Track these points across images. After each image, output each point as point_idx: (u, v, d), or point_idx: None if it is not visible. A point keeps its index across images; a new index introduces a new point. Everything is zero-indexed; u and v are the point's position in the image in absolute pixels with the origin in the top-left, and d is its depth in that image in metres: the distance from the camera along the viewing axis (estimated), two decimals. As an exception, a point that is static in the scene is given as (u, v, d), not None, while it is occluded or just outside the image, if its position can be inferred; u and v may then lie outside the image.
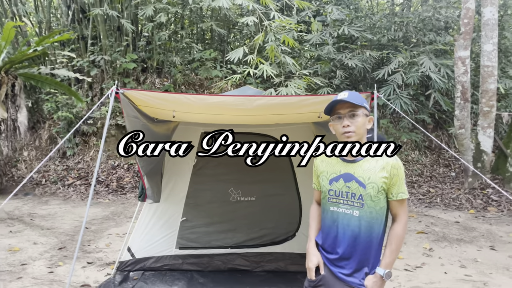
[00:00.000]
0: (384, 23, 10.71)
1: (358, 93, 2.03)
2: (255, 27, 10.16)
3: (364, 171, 1.98)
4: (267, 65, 5.23)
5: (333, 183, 2.05)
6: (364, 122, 2.00)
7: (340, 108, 2.00)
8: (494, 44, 7.45)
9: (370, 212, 1.98)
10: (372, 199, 1.96)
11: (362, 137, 2.01)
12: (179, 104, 2.90)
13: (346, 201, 2.01)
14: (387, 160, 1.97)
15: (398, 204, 1.99)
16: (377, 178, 1.95)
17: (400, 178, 1.96)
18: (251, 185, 4.39)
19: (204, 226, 4.35)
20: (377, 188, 1.95)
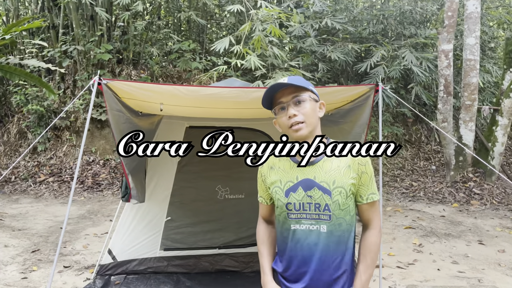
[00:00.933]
0: (365, 16, 10.63)
1: (299, 76, 1.64)
2: (235, 18, 9.91)
3: (327, 173, 1.58)
4: (254, 56, 5.01)
5: (290, 195, 1.62)
6: (314, 108, 1.59)
7: (281, 96, 1.59)
8: (477, 37, 7.46)
9: (340, 224, 1.58)
10: (340, 208, 1.57)
11: (315, 128, 1.60)
12: (168, 96, 2.66)
13: (310, 215, 1.59)
14: (351, 156, 1.61)
15: (369, 208, 1.63)
16: (344, 180, 1.57)
17: (369, 175, 1.61)
18: (239, 182, 4.17)
19: (190, 226, 4.11)
20: (345, 193, 1.57)
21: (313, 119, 1.57)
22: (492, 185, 7.56)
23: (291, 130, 1.56)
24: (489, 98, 10.36)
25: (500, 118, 7.56)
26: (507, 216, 6.36)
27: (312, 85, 1.66)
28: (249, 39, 5.79)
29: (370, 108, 2.73)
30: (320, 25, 9.18)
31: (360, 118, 2.87)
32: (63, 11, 9.18)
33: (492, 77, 10.25)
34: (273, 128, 4.15)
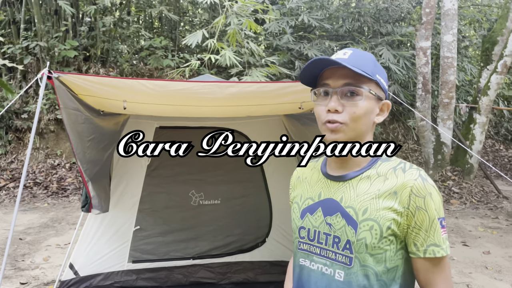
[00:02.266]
0: (341, 13, 10.49)
1: (370, 56, 1.14)
2: (209, 14, 9.58)
3: (359, 196, 1.10)
4: (229, 51, 4.71)
5: (306, 217, 1.19)
6: (370, 110, 1.10)
7: (329, 76, 1.10)
8: (454, 35, 7.39)
9: (366, 276, 1.08)
10: (368, 251, 1.07)
11: (362, 136, 1.12)
12: (133, 92, 2.33)
13: (326, 252, 1.13)
14: (403, 180, 1.07)
15: (429, 267, 1.07)
16: (380, 212, 1.07)
17: (430, 215, 1.04)
18: (215, 186, 3.86)
19: (161, 235, 3.77)
20: (379, 231, 1.06)
21: (361, 124, 1.09)
22: (471, 183, 7.51)
23: (325, 127, 1.10)
24: (464, 97, 10.39)
25: (478, 116, 7.51)
26: (488, 215, 6.28)
27: (383, 72, 1.15)
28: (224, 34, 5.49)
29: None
30: (296, 22, 8.97)
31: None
32: (25, 6, 8.62)
33: (467, 75, 10.29)
34: (251, 128, 3.86)
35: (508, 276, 4.01)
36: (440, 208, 1.06)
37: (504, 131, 12.62)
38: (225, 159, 3.86)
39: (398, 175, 1.09)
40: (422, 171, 1.10)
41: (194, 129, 3.85)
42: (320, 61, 1.09)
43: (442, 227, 1.06)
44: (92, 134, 2.69)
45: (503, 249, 4.82)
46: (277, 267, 3.84)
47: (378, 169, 1.13)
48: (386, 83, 1.16)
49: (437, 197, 1.07)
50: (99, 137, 2.82)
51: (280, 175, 3.89)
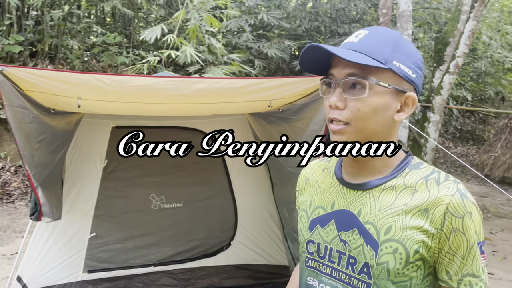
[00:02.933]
0: (299, 12, 10.52)
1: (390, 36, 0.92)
2: (165, 10, 9.29)
3: (381, 211, 0.92)
4: (190, 47, 4.52)
5: (316, 230, 1.02)
6: (384, 106, 0.90)
7: (336, 64, 0.93)
8: (409, 35, 7.56)
9: None
10: (391, 278, 0.89)
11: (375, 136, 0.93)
12: (88, 88, 2.12)
13: (338, 273, 0.97)
14: (436, 194, 0.88)
15: None
16: (407, 232, 0.89)
17: (469, 241, 0.87)
18: (177, 188, 3.69)
19: (120, 242, 3.55)
20: (405, 255, 0.88)
21: (370, 124, 0.91)
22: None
23: (328, 126, 0.95)
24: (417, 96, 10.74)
25: (432, 114, 7.75)
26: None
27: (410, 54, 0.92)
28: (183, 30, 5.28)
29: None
30: (255, 21, 8.88)
31: (317, 114, 2.54)
32: (-37, -4, 7.96)
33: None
34: (214, 128, 3.70)
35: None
36: (480, 230, 0.89)
37: (452, 129, 13.21)
38: (188, 160, 3.69)
39: (430, 187, 0.90)
40: (460, 184, 0.90)
41: (153, 129, 3.65)
42: (313, 48, 0.90)
43: (481, 253, 0.89)
44: (41, 134, 2.45)
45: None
46: (243, 271, 3.72)
47: (405, 179, 0.93)
48: (417, 68, 0.93)
49: (478, 217, 0.88)
50: (49, 138, 2.58)
51: (245, 176, 3.77)
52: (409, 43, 0.94)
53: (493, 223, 6.00)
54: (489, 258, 4.53)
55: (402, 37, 0.94)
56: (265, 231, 3.76)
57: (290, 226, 3.32)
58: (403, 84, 0.91)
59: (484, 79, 13.50)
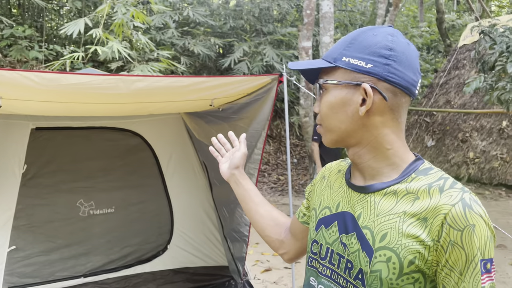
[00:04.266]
0: (223, 10, 10.49)
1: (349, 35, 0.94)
2: (82, 2, 8.71)
3: (380, 216, 0.88)
4: (116, 42, 4.26)
5: (321, 230, 1.00)
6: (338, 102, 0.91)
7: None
8: (331, 36, 7.90)
9: None
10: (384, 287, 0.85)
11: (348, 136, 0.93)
12: (12, 87, 1.89)
13: (336, 276, 0.95)
14: (437, 202, 0.83)
15: None
16: (403, 240, 0.84)
17: (468, 256, 0.79)
18: (107, 193, 3.46)
19: (44, 254, 3.25)
20: (398, 265, 0.83)
21: (332, 122, 0.92)
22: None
23: None
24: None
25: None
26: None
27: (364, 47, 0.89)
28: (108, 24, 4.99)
29: (273, 101, 2.40)
30: (180, 17, 8.69)
31: (259, 113, 2.53)
32: None
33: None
34: (146, 128, 3.54)
35: None
36: (486, 246, 0.80)
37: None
38: (115, 162, 3.50)
39: (432, 195, 0.84)
40: (467, 194, 0.82)
41: (78, 130, 3.40)
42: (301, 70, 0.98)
43: (485, 272, 0.79)
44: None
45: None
46: (181, 275, 3.61)
47: (409, 184, 0.88)
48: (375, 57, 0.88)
49: (483, 231, 0.80)
50: (-39, 143, 2.27)
51: (180, 177, 3.66)
52: (373, 36, 0.90)
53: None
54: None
55: (365, 32, 0.92)
56: (202, 232, 3.68)
57: (230, 226, 3.29)
58: (358, 77, 0.89)
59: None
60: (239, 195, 1.28)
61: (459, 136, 9.08)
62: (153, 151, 3.61)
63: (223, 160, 1.34)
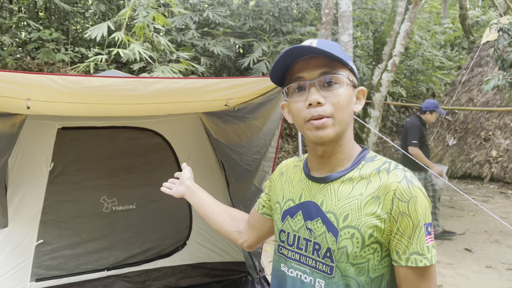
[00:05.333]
0: (243, 10, 10.59)
1: (336, 43, 1.07)
2: (106, 6, 8.95)
3: (341, 200, 1.02)
4: (138, 45, 4.42)
5: (286, 220, 1.12)
6: (351, 98, 1.04)
7: (302, 69, 1.02)
8: (350, 35, 7.89)
9: (347, 286, 1.00)
10: (350, 261, 0.99)
11: (346, 129, 1.05)
12: (39, 90, 2.03)
13: (305, 258, 1.06)
14: (386, 182, 0.99)
15: (411, 276, 0.98)
16: (362, 218, 0.99)
17: (414, 221, 0.96)
18: (129, 190, 3.60)
19: (70, 248, 3.41)
20: (360, 239, 0.98)
21: (345, 115, 1.01)
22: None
23: (309, 125, 1.01)
24: (357, 93, 11.24)
25: (372, 110, 8.16)
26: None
27: (351, 58, 1.07)
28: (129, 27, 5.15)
29: (286, 101, 2.48)
30: (200, 18, 8.83)
31: (273, 112, 2.61)
32: None
33: (360, 73, 11.13)
34: (166, 127, 3.67)
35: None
36: (426, 213, 0.97)
37: (390, 124, 13.95)
38: (136, 161, 3.63)
39: (382, 177, 1.00)
40: (408, 172, 1.01)
41: (102, 129, 3.55)
42: (290, 52, 1.00)
43: (428, 234, 0.97)
44: (-15, 138, 2.31)
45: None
46: (199, 270, 3.73)
47: (361, 171, 1.04)
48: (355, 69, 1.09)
49: (423, 201, 0.97)
50: (-7, 142, 2.44)
51: (198, 176, 3.73)
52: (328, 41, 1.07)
53: (429, 211, 6.45)
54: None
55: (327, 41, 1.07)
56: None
57: (246, 223, 3.37)
58: (356, 81, 1.07)
59: (416, 76, 14.39)
60: (195, 203, 1.45)
61: (481, 134, 8.92)
62: (172, 150, 3.74)
63: (173, 188, 1.54)
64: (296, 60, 1.03)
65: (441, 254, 4.52)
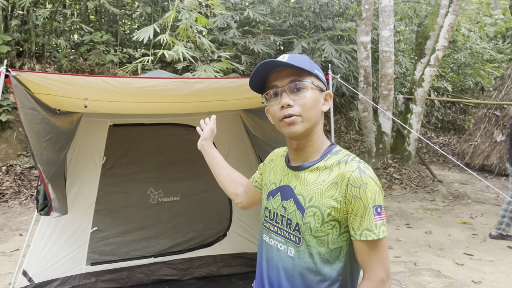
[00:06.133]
0: (283, 8, 10.68)
1: (305, 56, 1.31)
2: (151, 8, 9.34)
3: (308, 185, 1.25)
4: (181, 46, 4.66)
5: (269, 199, 1.38)
6: (317, 100, 1.25)
7: (276, 78, 1.25)
8: (391, 30, 7.82)
9: (311, 255, 1.22)
10: (313, 234, 1.21)
11: (314, 126, 1.26)
12: (96, 90, 2.27)
13: (281, 230, 1.30)
14: (343, 171, 1.20)
15: (364, 249, 1.18)
16: (322, 200, 1.20)
17: (365, 203, 1.16)
18: (173, 183, 3.85)
19: (120, 235, 3.70)
20: (320, 216, 1.20)
21: (312, 114, 1.23)
22: (409, 169, 8.04)
23: (282, 123, 1.23)
24: (399, 88, 11.04)
25: (414, 106, 8.04)
26: (426, 198, 6.77)
27: (319, 68, 1.31)
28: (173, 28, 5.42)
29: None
30: (241, 17, 9.02)
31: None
32: None
33: (402, 68, 10.93)
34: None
35: (449, 253, 4.39)
36: (375, 197, 1.16)
37: (434, 119, 13.58)
38: (180, 155, 3.86)
39: (340, 167, 1.22)
40: (362, 164, 1.21)
41: (149, 126, 3.81)
42: (267, 64, 1.24)
43: (376, 214, 1.16)
44: (48, 134, 2.58)
45: (443, 229, 5.24)
46: (239, 259, 3.91)
47: (326, 162, 1.26)
48: (324, 77, 1.33)
49: (373, 187, 1.16)
50: (55, 138, 2.72)
51: (238, 170, 3.92)
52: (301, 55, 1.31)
53: (473, 208, 6.31)
54: (469, 241, 4.82)
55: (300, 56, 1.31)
56: (258, 221, 3.96)
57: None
58: (322, 85, 1.29)
59: (464, 70, 13.89)
60: (208, 161, 1.75)
61: (532, 130, 8.54)
62: (213, 145, 3.94)
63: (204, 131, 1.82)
64: (271, 71, 1.27)
65: (483, 252, 4.46)
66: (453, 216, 5.85)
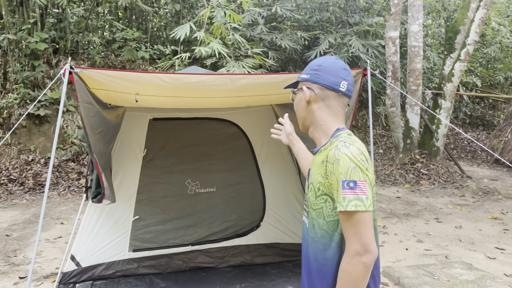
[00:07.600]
0: (310, 3, 10.72)
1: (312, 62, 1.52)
2: (180, 5, 9.54)
3: (314, 165, 1.44)
4: (216, 43, 4.81)
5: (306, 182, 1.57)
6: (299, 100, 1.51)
7: None
8: (420, 25, 7.78)
9: (313, 226, 1.39)
10: (312, 207, 1.39)
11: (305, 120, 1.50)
12: (147, 85, 2.43)
13: (305, 205, 1.50)
14: (328, 151, 1.35)
15: (343, 220, 1.29)
16: (315, 176, 1.38)
17: (337, 178, 1.28)
18: (210, 174, 4.01)
19: (160, 224, 3.89)
20: (314, 190, 1.38)
21: (300, 113, 1.51)
22: (437, 165, 8.00)
23: None
24: (426, 83, 10.94)
25: (443, 101, 7.98)
26: (455, 194, 6.75)
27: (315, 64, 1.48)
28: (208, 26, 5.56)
29: (357, 92, 2.69)
30: (268, 13, 9.12)
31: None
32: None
33: (430, 63, 10.81)
34: (242, 118, 4.02)
35: (480, 247, 4.41)
36: (347, 172, 1.27)
37: (462, 115, 13.37)
38: (216, 148, 4.02)
39: (329, 148, 1.37)
40: (341, 144, 1.32)
41: (186, 120, 3.98)
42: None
43: (348, 188, 1.26)
44: (100, 127, 2.77)
45: (473, 224, 5.25)
46: (272, 249, 4.05)
47: (326, 145, 1.42)
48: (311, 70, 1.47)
49: (346, 163, 1.27)
50: (105, 130, 2.90)
51: (272, 163, 4.09)
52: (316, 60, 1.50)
53: (504, 204, 6.26)
54: (500, 236, 4.82)
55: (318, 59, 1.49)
56: (291, 212, 4.08)
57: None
58: (302, 84, 1.50)
59: (493, 64, 13.61)
60: (295, 151, 1.87)
61: None
62: (248, 139, 4.08)
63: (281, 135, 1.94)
64: None
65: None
66: (483, 211, 5.84)
